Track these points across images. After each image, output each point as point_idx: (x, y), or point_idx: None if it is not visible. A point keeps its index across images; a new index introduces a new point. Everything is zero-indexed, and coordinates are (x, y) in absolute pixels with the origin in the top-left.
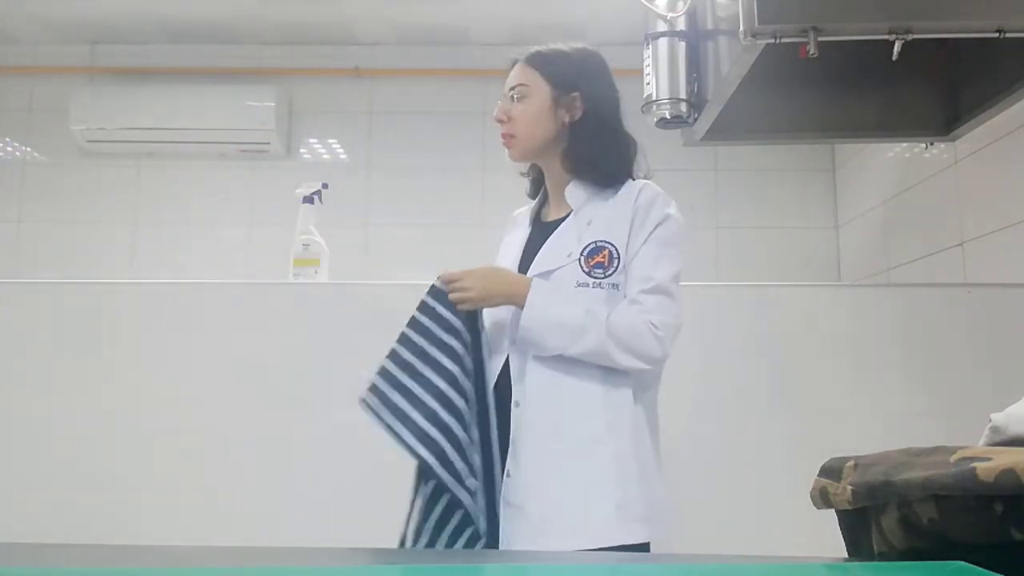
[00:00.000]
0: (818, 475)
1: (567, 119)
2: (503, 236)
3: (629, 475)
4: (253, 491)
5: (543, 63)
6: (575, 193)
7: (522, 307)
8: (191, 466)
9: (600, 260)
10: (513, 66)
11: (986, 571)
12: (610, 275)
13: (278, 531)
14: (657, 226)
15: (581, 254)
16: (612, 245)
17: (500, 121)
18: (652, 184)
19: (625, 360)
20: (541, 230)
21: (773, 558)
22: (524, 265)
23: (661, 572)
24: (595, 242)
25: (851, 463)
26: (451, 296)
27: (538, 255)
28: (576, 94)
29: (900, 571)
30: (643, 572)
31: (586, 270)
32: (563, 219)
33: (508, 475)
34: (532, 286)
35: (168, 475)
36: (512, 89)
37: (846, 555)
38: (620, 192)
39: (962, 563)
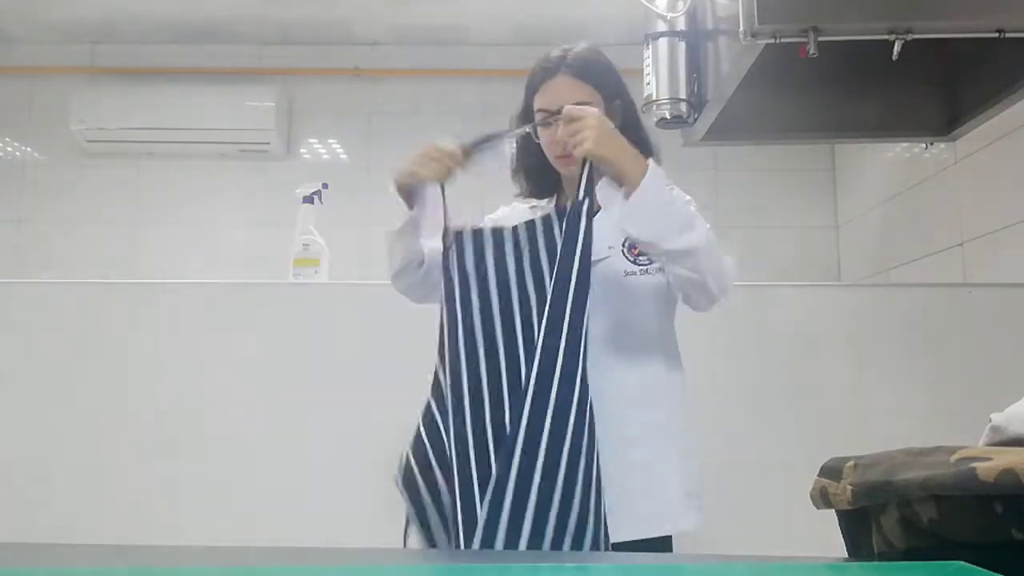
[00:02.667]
0: (818, 475)
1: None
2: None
3: (690, 461)
4: (253, 491)
5: (591, 73)
6: (604, 192)
7: (632, 176)
8: (191, 466)
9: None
10: (550, 76)
11: (986, 571)
12: (652, 261)
13: (278, 531)
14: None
15: (623, 245)
16: None
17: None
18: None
19: (713, 275)
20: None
21: (773, 558)
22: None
23: (662, 572)
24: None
25: (851, 463)
26: (566, 132)
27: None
28: (619, 102)
29: (900, 571)
30: (645, 572)
31: (631, 259)
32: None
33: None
34: (653, 166)
35: (168, 475)
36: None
37: (846, 555)
38: None
39: (962, 563)
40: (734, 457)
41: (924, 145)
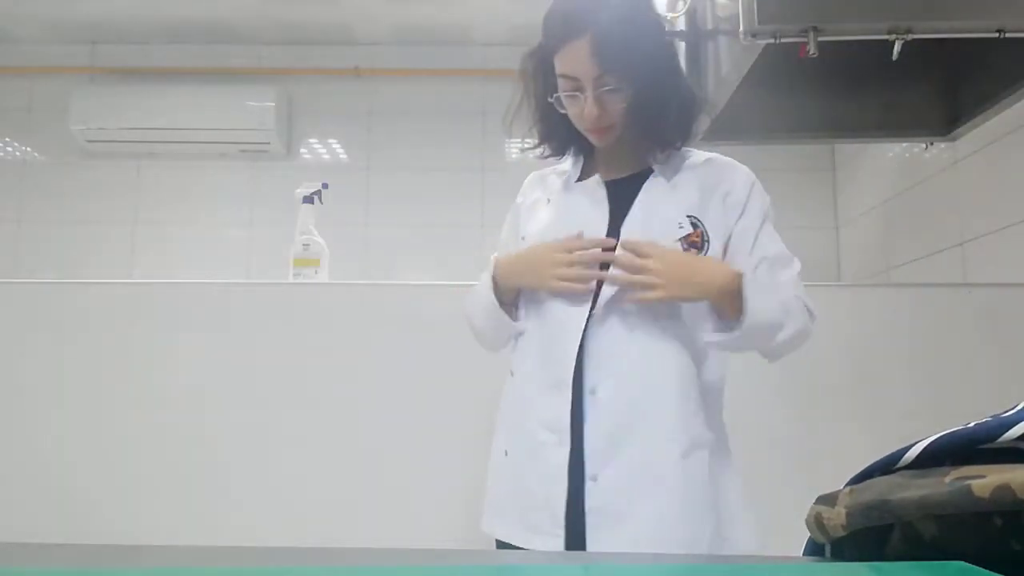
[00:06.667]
0: (814, 503)
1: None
2: (524, 198)
3: (727, 475)
4: (252, 491)
5: (613, 53)
6: (648, 151)
7: (725, 305)
8: (190, 466)
9: (695, 240)
10: (573, 37)
11: (987, 571)
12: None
13: (277, 531)
14: (769, 208)
15: (683, 229)
16: (703, 226)
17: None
18: (735, 161)
19: (792, 346)
20: (608, 190)
21: (773, 558)
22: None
23: (660, 572)
24: (692, 217)
25: (847, 490)
26: (633, 281)
27: (631, 222)
28: (639, 86)
29: (900, 571)
30: (642, 572)
31: (684, 247)
32: (623, 180)
33: (595, 480)
34: (746, 285)
35: (167, 475)
36: (600, 78)
37: None
38: (691, 160)
39: (963, 563)
40: (732, 457)
41: (924, 145)
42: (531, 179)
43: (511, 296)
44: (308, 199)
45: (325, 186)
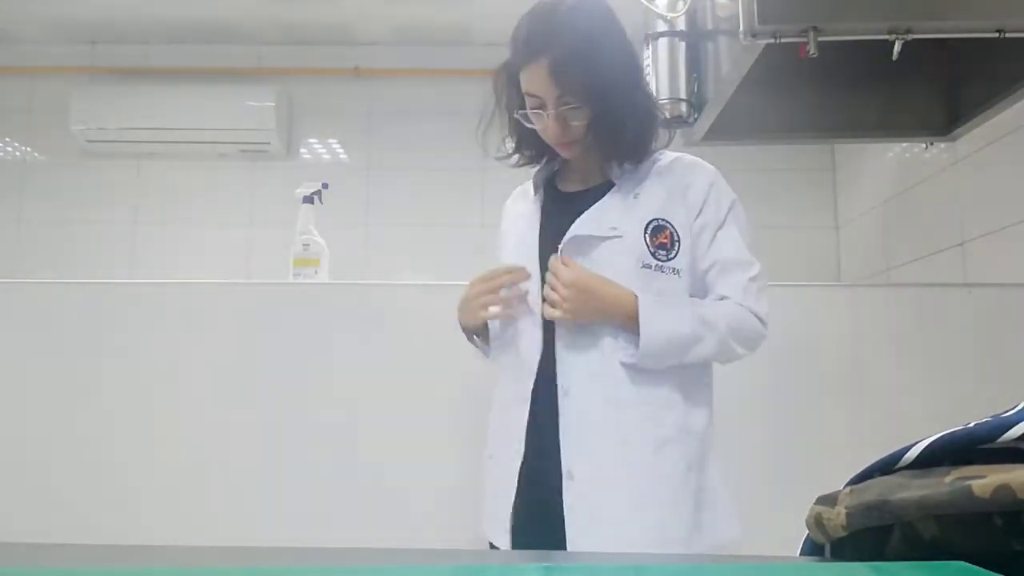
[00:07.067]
0: (814, 503)
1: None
2: (508, 211)
3: (707, 463)
4: (253, 491)
5: (571, 75)
6: (609, 164)
7: (632, 328)
8: (190, 466)
9: (663, 241)
10: (532, 60)
11: (987, 571)
12: (672, 259)
13: (277, 531)
14: (730, 209)
15: (645, 232)
16: (672, 226)
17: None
18: (700, 160)
19: (740, 352)
20: (568, 199)
21: (772, 558)
22: (554, 235)
23: (659, 572)
24: (657, 220)
25: (847, 490)
26: (547, 294)
27: (577, 222)
28: (596, 105)
29: (900, 571)
30: (639, 572)
31: (651, 250)
32: (592, 190)
33: (571, 478)
34: (642, 306)
35: (168, 475)
36: (560, 98)
37: None
38: (659, 164)
39: (963, 563)
40: (730, 457)
41: (924, 145)
42: (516, 192)
43: (480, 328)
44: (308, 199)
45: (325, 186)
